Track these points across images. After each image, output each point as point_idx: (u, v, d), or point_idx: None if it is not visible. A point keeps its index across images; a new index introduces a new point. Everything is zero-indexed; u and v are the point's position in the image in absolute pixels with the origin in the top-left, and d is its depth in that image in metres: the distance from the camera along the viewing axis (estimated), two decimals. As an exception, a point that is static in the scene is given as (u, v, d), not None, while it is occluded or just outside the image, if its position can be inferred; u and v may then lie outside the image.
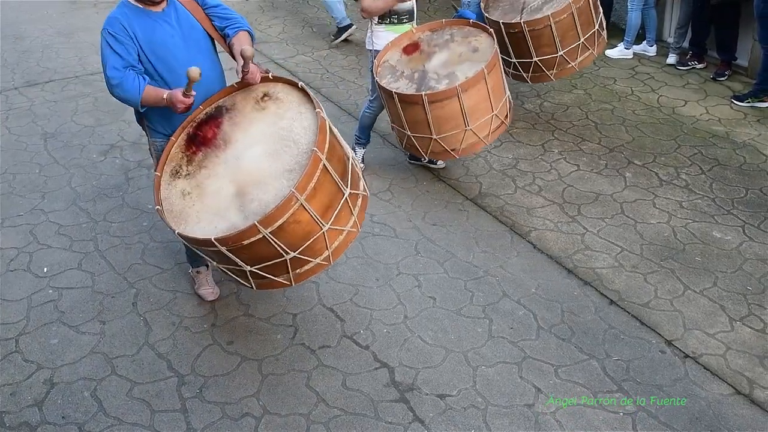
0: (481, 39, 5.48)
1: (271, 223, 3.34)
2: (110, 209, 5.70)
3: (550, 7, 5.93)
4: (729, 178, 5.95)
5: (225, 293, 4.77)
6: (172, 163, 3.86)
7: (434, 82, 5.27)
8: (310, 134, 3.58)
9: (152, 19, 3.87)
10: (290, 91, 3.85)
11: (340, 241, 3.69)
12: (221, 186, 3.63)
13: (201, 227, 3.54)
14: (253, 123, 3.80)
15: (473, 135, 5.30)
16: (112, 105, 7.50)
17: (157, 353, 4.30)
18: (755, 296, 4.64)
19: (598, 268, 4.92)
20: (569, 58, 6.09)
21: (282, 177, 3.49)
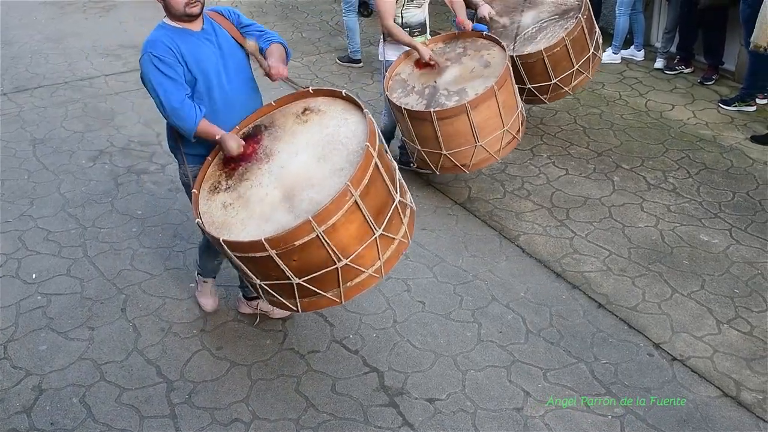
0: (494, 53, 5.42)
1: (326, 220, 3.14)
2: (99, 215, 5.70)
3: (544, 38, 5.90)
4: (716, 182, 5.99)
5: (214, 299, 4.77)
6: (210, 180, 3.70)
7: (444, 99, 5.22)
8: (359, 136, 3.44)
9: (195, 37, 3.76)
10: (332, 101, 3.72)
11: (391, 251, 3.48)
12: (266, 193, 3.45)
13: (247, 233, 3.34)
14: (297, 135, 3.65)
15: (484, 151, 5.26)
16: (101, 111, 7.51)
17: (146, 359, 4.29)
18: (742, 299, 4.67)
19: (587, 272, 4.94)
20: (563, 84, 6.08)
21: (333, 176, 3.32)
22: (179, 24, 3.77)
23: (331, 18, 10.39)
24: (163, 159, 6.51)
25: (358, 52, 8.87)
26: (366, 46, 9.34)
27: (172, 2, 3.70)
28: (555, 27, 5.93)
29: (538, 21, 6.06)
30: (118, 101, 7.74)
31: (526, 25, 6.08)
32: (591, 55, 6.06)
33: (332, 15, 10.52)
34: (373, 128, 3.36)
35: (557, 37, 5.80)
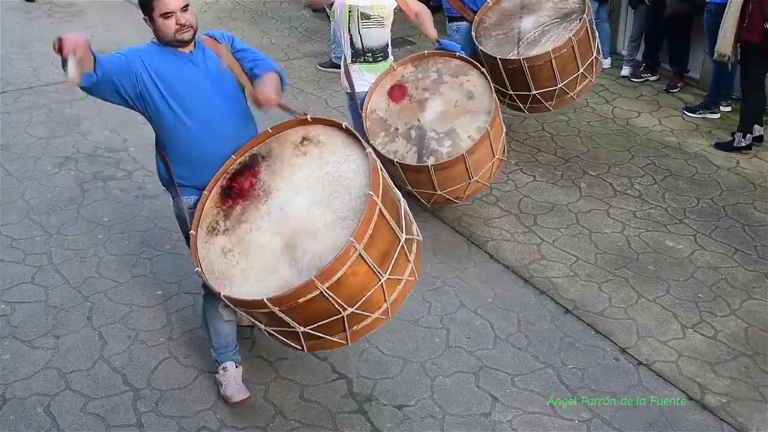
0: (474, 79, 5.14)
1: (330, 277, 3.02)
2: (64, 222, 5.63)
3: (549, 40, 5.66)
4: (681, 188, 6.07)
5: (182, 305, 4.74)
6: (207, 219, 3.53)
7: (435, 143, 4.96)
8: (362, 177, 3.27)
9: (179, 58, 3.60)
10: (332, 132, 3.52)
11: (398, 292, 3.36)
12: (267, 240, 3.30)
13: (249, 287, 3.22)
14: (295, 169, 3.47)
15: (477, 183, 5.10)
16: (66, 116, 7.42)
17: (112, 367, 4.25)
18: (706, 303, 4.74)
19: (554, 278, 4.99)
20: (568, 89, 5.82)
21: (336, 226, 3.18)
22: (169, 46, 3.62)
23: (300, 24, 10.37)
24: (130, 165, 6.46)
25: (341, 58, 8.77)
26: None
27: (162, 28, 3.53)
28: (559, 29, 5.72)
29: (540, 25, 5.83)
30: (84, 107, 7.65)
31: (527, 30, 5.85)
32: (594, 59, 5.89)
33: (301, 21, 10.51)
34: (376, 172, 3.20)
35: (563, 38, 5.57)
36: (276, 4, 11.27)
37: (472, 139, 4.88)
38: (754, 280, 4.95)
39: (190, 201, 3.69)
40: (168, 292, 4.86)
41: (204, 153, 3.60)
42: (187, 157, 3.65)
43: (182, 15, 3.51)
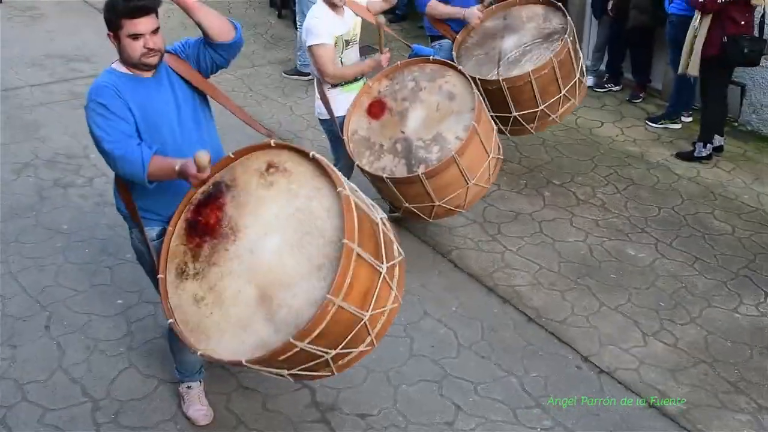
0: (451, 79, 4.95)
1: (309, 335, 2.87)
2: (23, 230, 5.53)
3: (529, 61, 5.49)
4: (643, 197, 6.14)
5: (142, 315, 4.67)
6: (175, 259, 3.27)
7: (423, 152, 4.75)
8: (335, 218, 3.04)
9: (144, 86, 3.35)
10: (299, 160, 3.26)
11: (382, 323, 3.23)
12: (239, 288, 3.09)
13: (226, 343, 3.03)
14: (263, 204, 3.22)
15: (476, 186, 4.89)
16: (26, 122, 7.31)
17: (71, 378, 4.18)
18: (667, 311, 4.79)
19: (518, 286, 5.01)
20: (550, 111, 5.63)
21: (311, 276, 2.98)
22: (129, 70, 3.36)
23: (266, 31, 10.34)
24: (91, 172, 6.37)
25: (307, 66, 8.75)
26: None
27: (128, 48, 3.27)
28: (540, 49, 5.54)
29: (521, 45, 5.64)
30: (44, 112, 7.54)
31: (507, 50, 5.66)
32: (577, 81, 5.68)
33: (267, 28, 10.48)
34: (350, 212, 2.98)
35: (544, 58, 5.38)
36: (242, 10, 11.23)
37: (460, 139, 4.70)
38: (714, 288, 5.02)
39: (152, 233, 3.49)
40: (128, 302, 4.79)
41: (172, 183, 3.33)
42: (160, 188, 3.37)
43: (151, 38, 3.26)
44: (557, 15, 5.71)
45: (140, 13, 3.21)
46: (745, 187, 6.35)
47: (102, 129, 3.23)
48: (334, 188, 3.09)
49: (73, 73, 8.65)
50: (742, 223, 5.79)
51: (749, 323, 4.71)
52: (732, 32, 6.14)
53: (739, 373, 4.30)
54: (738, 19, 6.17)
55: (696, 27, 6.28)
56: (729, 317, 4.76)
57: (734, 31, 6.15)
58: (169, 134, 3.39)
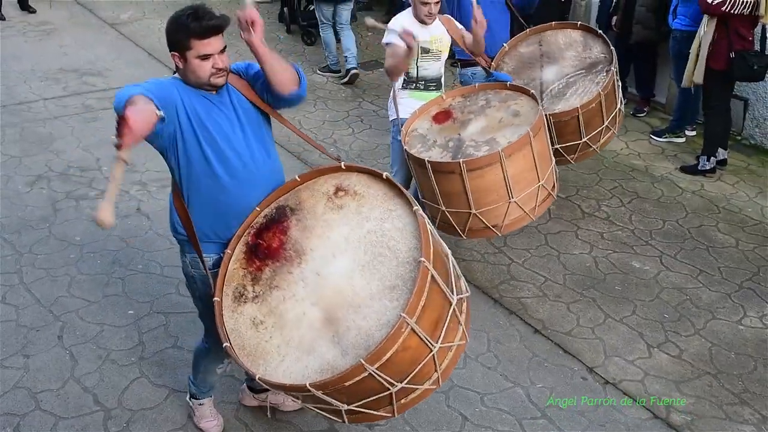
0: (522, 102, 4.76)
1: (380, 358, 2.70)
2: (36, 241, 5.61)
3: (575, 93, 5.32)
4: (647, 211, 6.20)
5: (154, 325, 4.74)
6: (233, 283, 3.15)
7: (473, 149, 4.52)
8: (409, 238, 2.93)
9: (210, 101, 3.20)
10: (371, 182, 3.16)
11: (449, 359, 3.07)
12: (303, 311, 2.95)
13: (286, 368, 2.87)
14: (332, 227, 3.10)
15: (518, 209, 4.56)
16: (39, 135, 7.41)
17: (83, 387, 4.24)
18: (672, 323, 4.84)
19: (523, 298, 5.06)
20: (591, 143, 5.48)
21: (383, 296, 2.84)
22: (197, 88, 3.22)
23: (275, 45, 10.44)
24: (103, 185, 6.45)
25: (337, 64, 9.42)
26: (309, 73, 9.43)
27: (197, 70, 3.12)
28: (585, 81, 5.39)
29: (563, 76, 5.49)
30: (58, 126, 7.65)
31: (550, 81, 5.50)
32: (618, 111, 5.54)
33: (276, 43, 10.58)
34: (426, 232, 2.87)
35: (592, 92, 5.24)
36: (250, 26, 11.34)
37: (510, 141, 4.45)
38: (718, 301, 5.06)
39: (209, 261, 3.31)
40: (140, 312, 4.86)
41: (231, 205, 3.24)
42: (212, 209, 3.26)
43: (220, 58, 3.12)
44: (597, 42, 5.59)
45: (211, 33, 3.08)
46: (749, 200, 6.40)
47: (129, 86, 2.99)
48: (408, 208, 3.01)
49: (86, 87, 8.77)
50: (746, 236, 5.84)
51: (753, 335, 4.75)
52: (739, 48, 6.20)
53: (743, 385, 4.34)
54: (745, 35, 6.23)
55: (701, 35, 6.35)
56: (733, 329, 4.80)
57: (741, 46, 6.21)
58: (229, 154, 3.20)
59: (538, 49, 5.71)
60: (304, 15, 10.55)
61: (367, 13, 11.75)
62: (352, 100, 8.65)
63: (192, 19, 3.05)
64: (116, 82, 8.87)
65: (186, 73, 3.17)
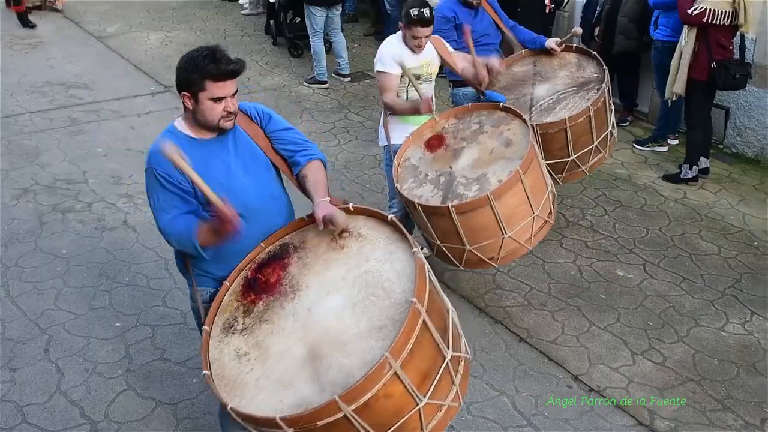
0: (514, 127, 4.67)
1: (357, 398, 2.57)
2: (22, 254, 5.61)
3: (564, 108, 5.31)
4: (631, 219, 6.26)
5: (140, 337, 4.75)
6: (225, 314, 3.10)
7: (463, 188, 4.47)
8: (405, 281, 2.85)
9: (205, 148, 3.14)
10: (376, 225, 3.13)
11: (438, 420, 2.87)
12: (288, 346, 2.86)
13: (261, 400, 2.75)
14: (330, 265, 3.06)
15: (513, 241, 4.53)
16: (25, 148, 7.41)
17: (70, 400, 4.24)
18: (655, 331, 4.89)
19: (509, 307, 5.10)
20: (580, 162, 5.43)
21: (369, 336, 2.73)
22: (193, 131, 3.17)
23: (261, 58, 10.49)
24: (89, 197, 6.47)
25: (324, 74, 9.45)
26: (296, 86, 9.48)
27: (206, 111, 3.08)
28: (575, 98, 5.38)
29: (554, 92, 5.50)
30: (44, 139, 7.65)
31: (540, 97, 5.50)
32: (609, 133, 5.50)
33: (262, 55, 10.63)
34: (423, 275, 2.80)
35: (580, 107, 5.21)
36: (237, 37, 11.40)
37: (502, 182, 4.39)
38: (701, 308, 5.12)
39: (206, 294, 3.29)
40: (126, 325, 4.87)
41: (233, 247, 3.15)
42: (216, 252, 3.18)
43: (232, 101, 3.10)
44: (591, 63, 5.63)
45: (228, 77, 3.05)
46: (731, 208, 6.47)
47: (158, 199, 3.11)
48: (408, 249, 2.94)
49: (73, 100, 8.77)
50: (728, 243, 5.91)
51: (736, 341, 4.81)
52: (719, 58, 6.28)
53: (726, 391, 4.39)
54: (725, 44, 6.31)
55: (682, 45, 6.42)
56: (716, 336, 4.85)
57: (722, 56, 6.29)
58: (231, 196, 3.04)
59: (533, 68, 5.75)
60: (291, 27, 10.59)
61: (354, 24, 11.82)
62: (338, 111, 8.69)
63: (209, 61, 3.00)
64: (103, 95, 8.90)
65: (195, 114, 3.12)
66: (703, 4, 6.19)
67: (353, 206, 3.19)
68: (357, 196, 6.63)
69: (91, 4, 13.10)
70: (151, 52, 10.58)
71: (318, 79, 9.45)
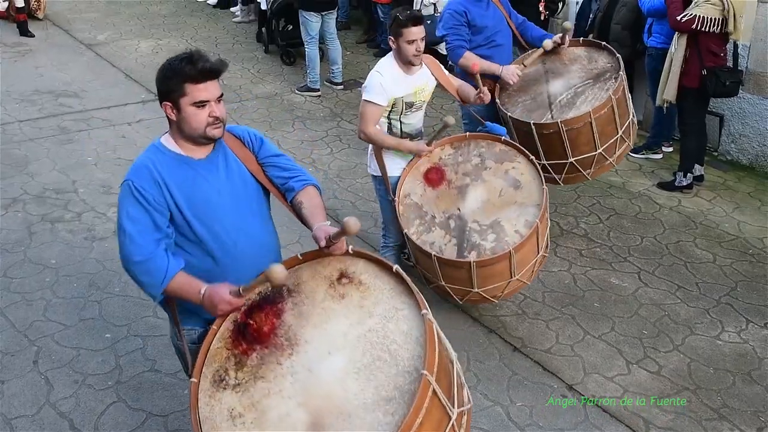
0: (521, 166, 4.59)
1: None
2: (11, 265, 5.55)
3: (585, 101, 5.19)
4: (625, 227, 6.24)
5: (131, 348, 4.69)
6: (214, 364, 2.82)
7: (478, 236, 4.42)
8: (413, 344, 2.65)
9: (193, 169, 2.93)
10: (378, 273, 2.90)
11: None
12: (288, 411, 2.63)
13: None
14: (330, 318, 2.81)
15: (518, 281, 4.59)
16: (14, 157, 7.35)
17: (59, 412, 4.18)
18: (650, 339, 4.86)
19: (503, 316, 5.07)
20: (607, 154, 5.30)
21: (377, 408, 2.53)
22: (182, 148, 2.96)
23: (253, 66, 10.46)
24: (79, 207, 6.41)
25: (317, 82, 9.42)
26: (288, 94, 9.45)
27: (191, 119, 2.87)
28: (594, 90, 5.27)
29: (571, 87, 5.36)
30: (33, 148, 7.59)
31: (557, 93, 5.36)
32: (630, 121, 5.41)
33: (253, 63, 10.59)
34: (432, 341, 2.60)
35: (602, 98, 5.11)
36: (228, 45, 11.37)
37: (520, 234, 4.39)
38: (696, 316, 5.09)
39: (193, 334, 3.06)
40: (116, 335, 4.82)
41: (223, 282, 2.91)
42: None
43: (217, 106, 2.90)
44: (602, 54, 5.52)
45: (208, 77, 2.87)
46: (726, 215, 6.46)
47: (130, 218, 2.84)
48: (416, 310, 2.74)
49: (62, 109, 8.71)
50: (723, 251, 5.89)
51: (731, 350, 4.78)
52: (710, 65, 6.29)
53: (721, 400, 4.36)
54: (716, 52, 6.32)
55: (673, 52, 6.42)
56: (711, 344, 4.83)
57: (713, 63, 6.30)
58: (221, 228, 2.95)
59: (543, 67, 5.62)
60: (283, 35, 10.57)
61: (346, 32, 11.80)
62: (331, 119, 8.66)
63: (186, 63, 2.83)
64: (93, 104, 8.84)
65: (179, 124, 2.91)
66: (692, 11, 6.20)
67: (353, 249, 2.95)
68: (349, 204, 6.60)
69: (81, 11, 13.06)
70: (142, 60, 10.54)
71: (310, 87, 9.43)
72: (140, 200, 2.82)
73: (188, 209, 2.90)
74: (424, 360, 2.53)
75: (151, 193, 2.83)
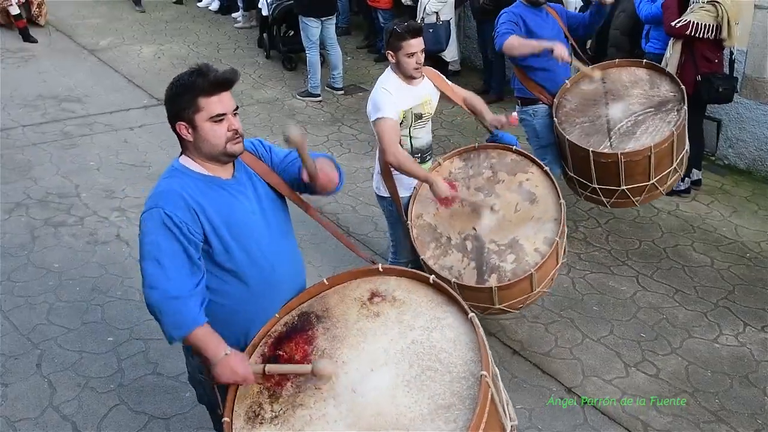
0: (534, 178, 4.49)
1: None
2: (14, 268, 5.59)
3: (645, 132, 5.12)
4: (624, 231, 6.27)
5: (133, 351, 4.73)
6: (246, 401, 2.65)
7: (497, 258, 4.29)
8: (464, 350, 2.55)
9: (226, 190, 2.75)
10: (412, 287, 2.80)
11: None
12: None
13: None
14: (368, 336, 2.68)
15: (538, 292, 4.48)
16: (18, 162, 7.40)
17: (62, 415, 4.22)
18: (648, 342, 4.89)
19: (502, 319, 5.10)
20: (659, 185, 5.28)
21: (436, 418, 2.39)
22: (205, 168, 2.76)
23: (254, 71, 10.51)
24: (82, 211, 6.45)
25: (318, 88, 9.47)
26: (289, 99, 9.50)
27: (210, 136, 2.68)
28: (655, 120, 5.20)
29: (631, 114, 5.28)
30: (36, 152, 7.64)
31: (617, 119, 5.28)
32: (685, 152, 5.37)
33: (254, 68, 10.64)
34: (485, 347, 2.52)
35: (664, 132, 5.05)
36: (230, 50, 11.42)
37: (540, 252, 4.27)
38: (694, 320, 5.13)
39: None
40: (119, 339, 4.85)
41: (257, 312, 2.82)
42: (231, 315, 2.81)
43: (234, 119, 2.71)
44: (664, 80, 5.44)
45: (221, 88, 2.69)
46: (723, 219, 6.49)
47: (163, 251, 2.59)
48: (462, 316, 2.64)
49: (65, 114, 8.77)
50: (721, 255, 5.92)
51: (729, 353, 4.81)
52: (706, 71, 6.32)
53: (719, 403, 4.39)
54: (711, 58, 6.35)
55: (668, 57, 6.46)
56: (709, 347, 4.86)
57: (707, 69, 6.33)
58: (257, 249, 2.79)
59: (602, 86, 5.50)
60: (284, 41, 10.62)
61: (346, 37, 11.85)
62: (332, 124, 8.70)
63: (197, 76, 2.66)
64: (95, 109, 8.89)
65: (197, 144, 2.72)
66: (687, 17, 6.24)
67: (383, 267, 2.82)
68: (349, 208, 6.64)
69: (84, 17, 13.13)
70: (144, 65, 10.59)
71: (311, 92, 9.48)
72: (174, 231, 2.60)
73: (227, 233, 2.71)
74: (481, 362, 2.46)
75: (185, 223, 2.61)
